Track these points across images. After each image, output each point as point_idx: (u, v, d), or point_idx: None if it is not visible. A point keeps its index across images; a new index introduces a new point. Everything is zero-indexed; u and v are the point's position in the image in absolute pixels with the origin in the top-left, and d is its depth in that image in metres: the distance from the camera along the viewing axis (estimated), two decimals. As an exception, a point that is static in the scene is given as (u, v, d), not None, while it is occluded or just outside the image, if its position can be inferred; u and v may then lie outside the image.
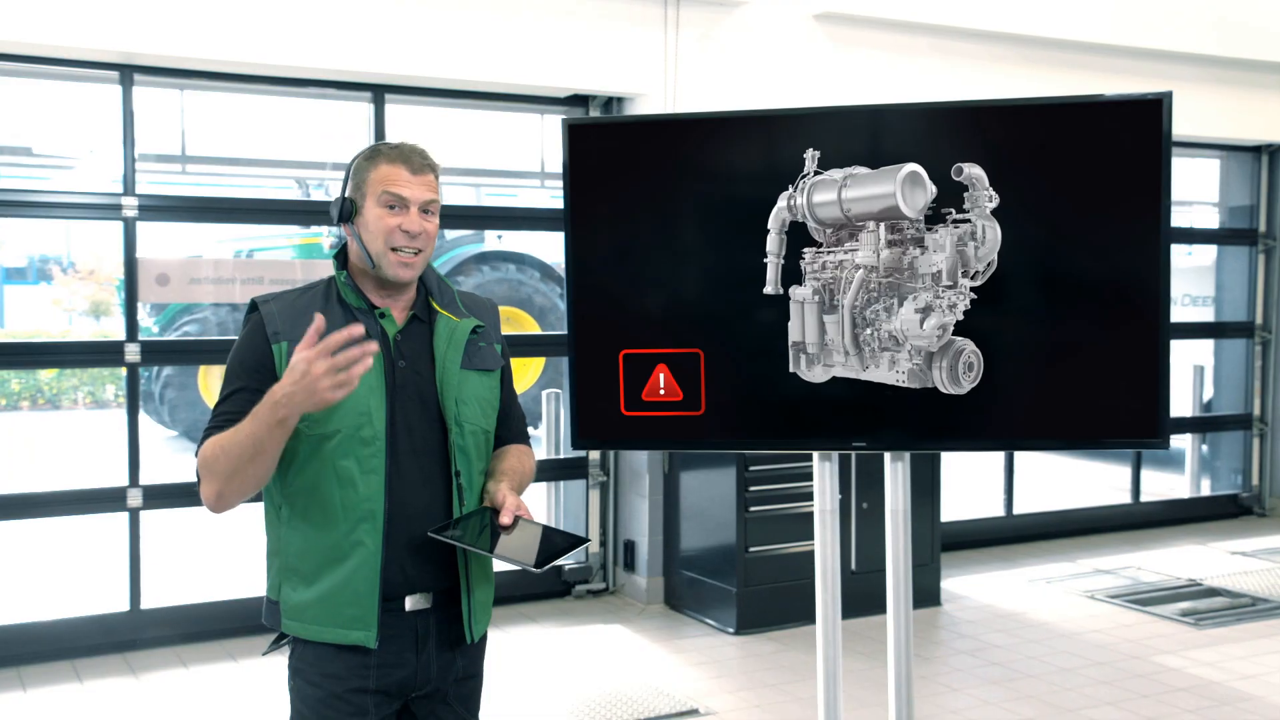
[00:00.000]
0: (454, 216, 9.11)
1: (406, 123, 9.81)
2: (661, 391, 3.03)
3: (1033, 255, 2.92)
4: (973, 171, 2.85)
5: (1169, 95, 2.80)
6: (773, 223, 2.95)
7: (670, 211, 3.03)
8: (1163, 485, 8.94)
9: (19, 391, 16.17)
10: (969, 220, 2.85)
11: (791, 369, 2.96)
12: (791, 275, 2.94)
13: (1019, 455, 7.70)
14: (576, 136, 3.05)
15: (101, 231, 5.11)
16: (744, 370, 2.99)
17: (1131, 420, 2.89)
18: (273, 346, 2.32)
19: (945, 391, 2.89)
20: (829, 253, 2.91)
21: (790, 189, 2.92)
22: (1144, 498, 8.18)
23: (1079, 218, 2.88)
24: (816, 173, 2.90)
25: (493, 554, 2.27)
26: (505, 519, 2.32)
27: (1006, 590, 6.48)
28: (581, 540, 2.36)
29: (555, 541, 2.32)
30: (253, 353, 2.34)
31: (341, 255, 2.45)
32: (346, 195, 2.39)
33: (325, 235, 10.29)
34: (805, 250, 2.92)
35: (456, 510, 2.37)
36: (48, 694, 4.91)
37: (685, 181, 3.02)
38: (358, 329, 2.13)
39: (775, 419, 3.01)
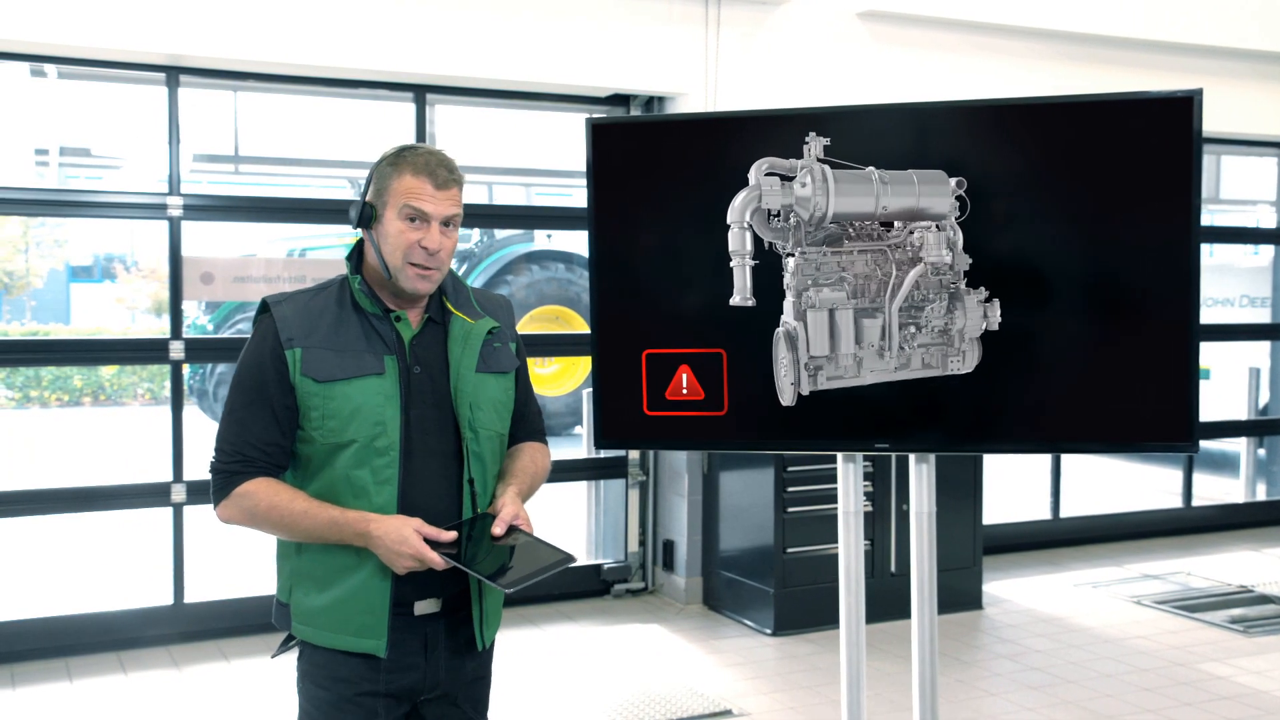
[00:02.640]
0: (504, 216, 9.23)
1: (457, 123, 9.89)
2: (684, 391, 3.02)
3: (1060, 256, 2.88)
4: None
5: (1199, 93, 2.75)
6: (743, 216, 2.90)
7: (694, 211, 3.02)
8: (1216, 489, 8.78)
9: (81, 388, 16.50)
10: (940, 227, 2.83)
11: (801, 391, 2.91)
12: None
13: (1066, 457, 7.59)
14: (600, 136, 3.05)
15: (161, 230, 5.20)
16: (767, 371, 2.96)
17: (1160, 423, 2.84)
18: (287, 353, 2.30)
19: (962, 371, 2.86)
20: (844, 253, 2.88)
21: (770, 177, 2.87)
22: (1196, 502, 8.02)
23: (1107, 217, 2.84)
24: (833, 164, 2.86)
25: (471, 570, 2.24)
26: (497, 530, 2.29)
27: (1050, 594, 6.39)
28: (564, 560, 2.31)
29: (537, 560, 2.28)
30: (269, 362, 2.32)
31: (356, 256, 2.41)
32: (367, 199, 2.34)
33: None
34: (809, 250, 2.88)
35: (467, 516, 2.35)
36: (93, 684, 5.00)
37: (709, 181, 3.00)
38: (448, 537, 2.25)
39: (798, 420, 2.99)
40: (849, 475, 3.11)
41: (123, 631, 5.42)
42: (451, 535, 2.26)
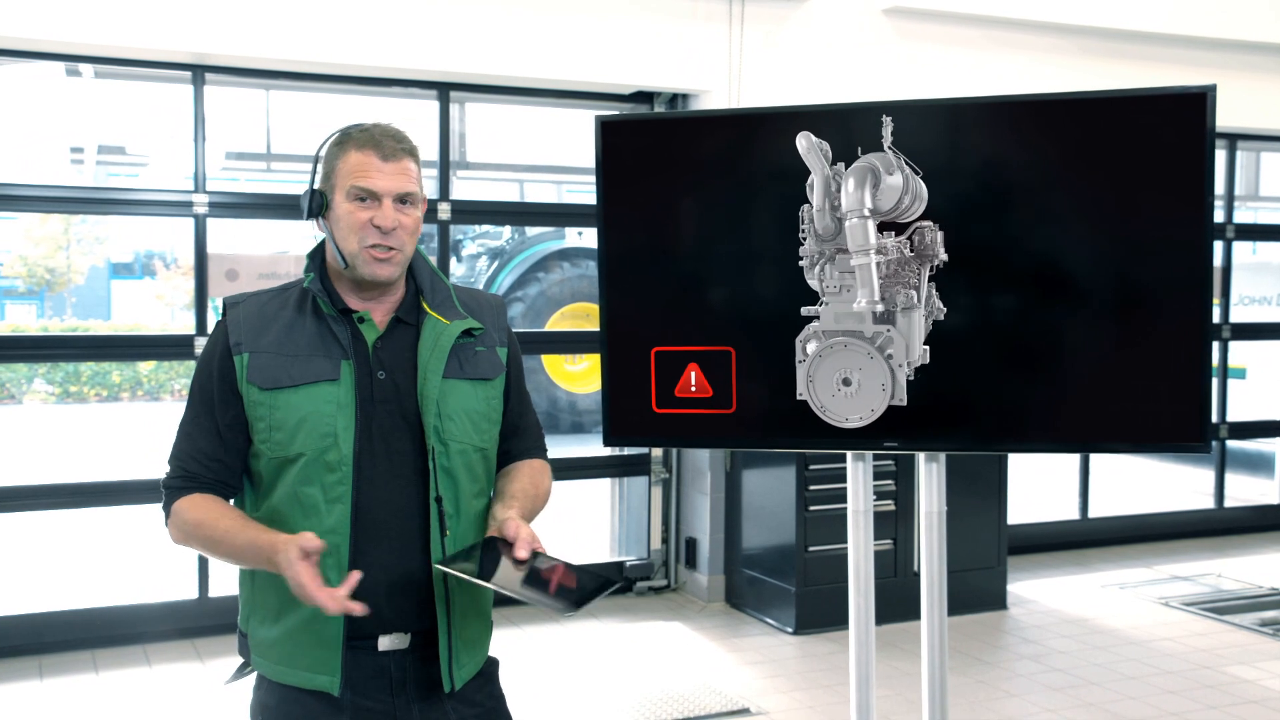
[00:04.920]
0: (535, 213, 9.26)
1: (489, 121, 9.89)
2: (693, 389, 3.01)
3: (1071, 254, 2.85)
4: None
5: (1213, 88, 2.71)
6: (863, 203, 2.79)
7: (702, 209, 3.01)
8: (1250, 490, 8.66)
9: (119, 383, 16.72)
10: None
11: (899, 401, 2.84)
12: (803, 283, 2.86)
13: (1095, 455, 7.52)
14: (609, 133, 3.03)
15: (188, 227, 5.28)
16: (775, 369, 2.95)
17: (1172, 423, 2.80)
18: (234, 359, 2.11)
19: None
20: (880, 251, 2.84)
21: (873, 163, 2.80)
22: (1228, 503, 7.93)
23: (1120, 215, 2.80)
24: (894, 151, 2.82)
25: (518, 593, 1.98)
26: (521, 553, 2.03)
27: (1077, 595, 6.34)
28: (610, 582, 2.09)
29: (583, 582, 2.05)
30: (216, 369, 2.14)
31: (318, 253, 2.21)
32: (315, 187, 2.14)
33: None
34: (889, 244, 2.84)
35: (435, 541, 2.11)
36: (119, 676, 5.06)
37: (718, 179, 2.99)
38: (352, 579, 1.93)
39: (806, 418, 2.97)
40: (858, 474, 3.10)
41: (148, 625, 5.49)
42: (317, 544, 1.94)
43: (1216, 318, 7.81)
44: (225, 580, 5.76)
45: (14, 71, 6.84)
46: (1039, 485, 8.44)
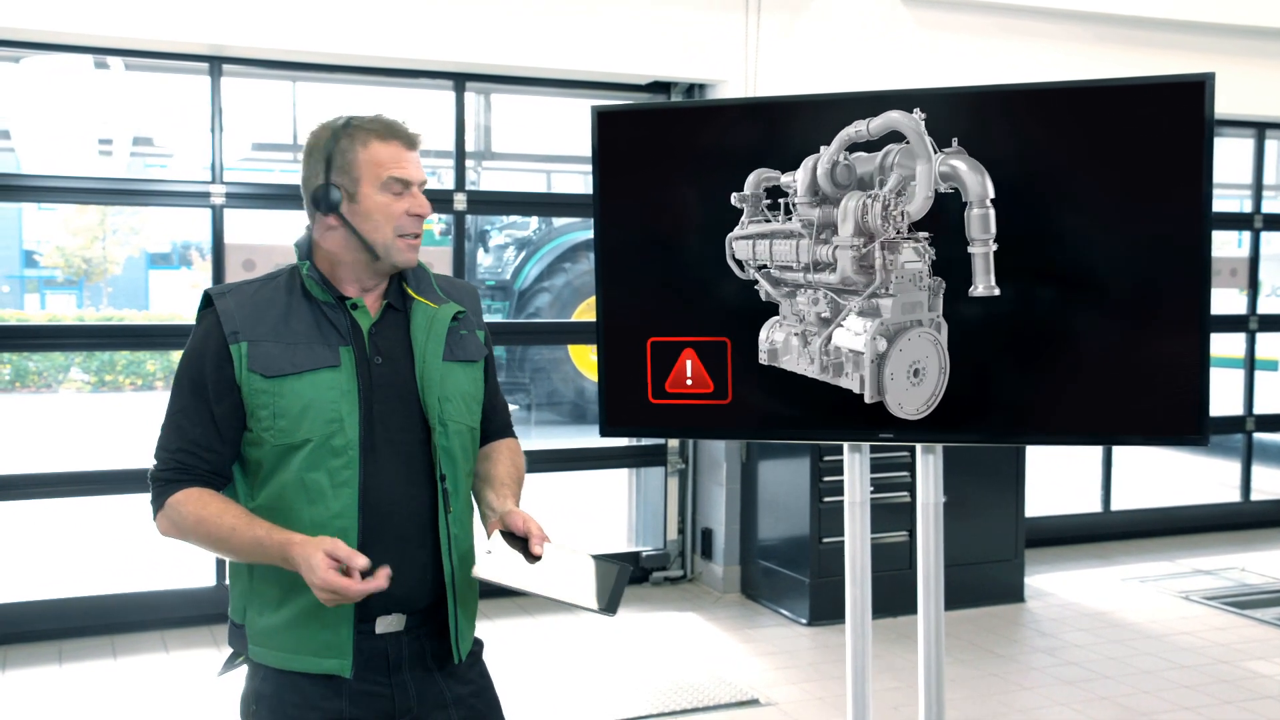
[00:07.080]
0: (551, 204, 9.27)
1: (516, 111, 9.87)
2: (689, 380, 3.01)
3: (1068, 245, 2.82)
4: None
5: (1211, 76, 2.68)
6: (989, 191, 2.76)
7: (699, 199, 3.01)
8: (1278, 483, 8.56)
9: (154, 372, 16.90)
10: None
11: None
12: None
13: (1117, 448, 7.45)
14: (606, 124, 3.04)
15: (235, 218, 5.35)
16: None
17: (1171, 416, 2.77)
18: (231, 348, 2.10)
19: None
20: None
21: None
22: (1255, 496, 7.83)
23: (1118, 206, 2.78)
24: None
25: (555, 596, 2.05)
26: (537, 549, 2.10)
27: (1096, 589, 6.29)
28: (627, 569, 2.14)
29: (605, 575, 2.11)
30: (210, 358, 2.12)
31: (305, 243, 2.20)
32: (331, 181, 2.12)
33: (435, 221, 10.49)
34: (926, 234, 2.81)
35: (442, 518, 2.16)
36: (137, 662, 5.12)
37: (715, 169, 2.98)
38: (382, 577, 1.98)
39: (802, 409, 2.97)
40: (854, 465, 3.09)
41: (166, 611, 5.55)
42: (364, 561, 1.97)
43: (1244, 309, 7.71)
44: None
45: (42, 63, 6.91)
46: (1061, 477, 8.37)
